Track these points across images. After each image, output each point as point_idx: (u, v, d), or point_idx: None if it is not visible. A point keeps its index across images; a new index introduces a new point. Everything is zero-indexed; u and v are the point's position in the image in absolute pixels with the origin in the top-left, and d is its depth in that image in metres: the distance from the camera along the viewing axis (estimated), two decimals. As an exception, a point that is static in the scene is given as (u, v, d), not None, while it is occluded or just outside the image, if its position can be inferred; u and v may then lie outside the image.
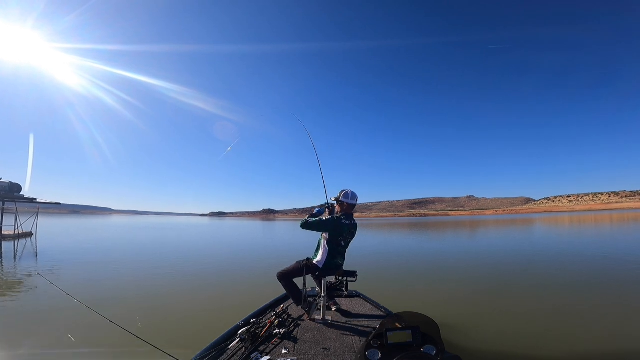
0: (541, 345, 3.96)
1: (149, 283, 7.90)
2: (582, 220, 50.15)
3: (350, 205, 3.52)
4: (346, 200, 3.50)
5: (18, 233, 19.15)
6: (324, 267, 3.39)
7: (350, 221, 3.50)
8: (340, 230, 3.41)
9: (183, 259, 12.38)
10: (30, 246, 16.01)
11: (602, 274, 8.17)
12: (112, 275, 8.87)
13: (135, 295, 6.69)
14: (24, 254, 13.27)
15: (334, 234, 3.40)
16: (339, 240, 3.43)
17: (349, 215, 3.52)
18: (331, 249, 3.40)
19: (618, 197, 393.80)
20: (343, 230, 3.42)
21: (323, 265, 3.38)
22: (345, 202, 3.50)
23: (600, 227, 30.23)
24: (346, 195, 3.51)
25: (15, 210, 19.42)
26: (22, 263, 10.90)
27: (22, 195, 18.98)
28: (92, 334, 4.47)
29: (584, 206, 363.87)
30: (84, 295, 6.62)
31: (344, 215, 3.47)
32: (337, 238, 3.41)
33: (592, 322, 4.79)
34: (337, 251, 3.44)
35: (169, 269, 9.93)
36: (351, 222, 3.52)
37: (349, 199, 3.50)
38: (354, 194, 3.53)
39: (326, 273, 3.41)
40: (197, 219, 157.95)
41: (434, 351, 1.98)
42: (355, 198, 3.54)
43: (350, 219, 3.52)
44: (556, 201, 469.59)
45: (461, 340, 3.99)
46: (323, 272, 3.38)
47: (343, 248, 3.51)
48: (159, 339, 4.30)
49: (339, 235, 3.41)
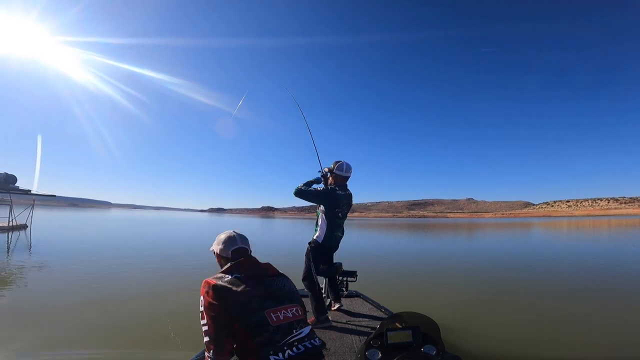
0: (540, 346, 3.98)
1: (147, 280, 7.85)
2: (580, 225, 50.25)
3: (344, 178, 3.41)
4: (340, 173, 3.37)
5: (12, 225, 19.08)
6: (325, 240, 3.33)
7: (345, 191, 3.39)
8: (337, 201, 3.32)
9: (181, 255, 12.41)
10: (24, 238, 15.94)
11: (601, 279, 8.19)
12: (107, 269, 8.81)
13: (133, 292, 6.65)
14: (17, 247, 13.16)
15: (331, 206, 3.32)
16: (337, 212, 3.36)
17: (343, 186, 3.42)
18: (330, 222, 3.34)
19: (617, 203, 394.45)
20: (339, 201, 3.33)
21: (323, 240, 3.33)
22: (339, 175, 3.38)
23: (598, 232, 30.29)
24: (340, 167, 3.37)
25: (10, 202, 19.36)
26: (15, 256, 10.81)
27: (17, 187, 18.92)
28: (87, 333, 4.39)
29: (582, 211, 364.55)
30: (78, 290, 6.58)
31: (338, 186, 3.37)
32: (334, 210, 3.33)
33: (590, 325, 4.82)
34: (335, 224, 3.37)
35: (166, 266, 9.92)
36: (346, 192, 3.41)
37: (343, 172, 3.37)
38: (348, 166, 3.39)
39: (329, 248, 3.39)
40: (196, 215, 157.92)
41: (434, 351, 1.99)
42: (350, 170, 3.41)
43: (345, 190, 3.42)
44: (555, 206, 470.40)
45: (461, 341, 4.00)
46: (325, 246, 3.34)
47: (341, 220, 3.45)
48: (159, 339, 4.28)
49: (335, 206, 3.33)
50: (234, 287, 1.47)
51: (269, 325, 1.42)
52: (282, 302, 1.53)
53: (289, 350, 1.41)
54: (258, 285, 1.52)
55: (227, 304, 1.43)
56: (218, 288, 1.47)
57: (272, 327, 1.42)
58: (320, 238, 3.34)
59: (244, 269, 1.57)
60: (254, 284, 1.51)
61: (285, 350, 1.41)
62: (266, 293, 1.52)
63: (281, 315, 1.48)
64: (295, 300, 1.60)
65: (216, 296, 1.45)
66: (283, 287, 1.60)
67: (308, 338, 1.51)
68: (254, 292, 1.48)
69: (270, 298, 1.52)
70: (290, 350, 1.42)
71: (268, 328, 1.42)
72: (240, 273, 1.55)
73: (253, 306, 1.45)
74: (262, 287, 1.53)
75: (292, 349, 1.43)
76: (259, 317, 1.43)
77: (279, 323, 1.45)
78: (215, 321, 1.43)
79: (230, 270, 1.56)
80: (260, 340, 1.40)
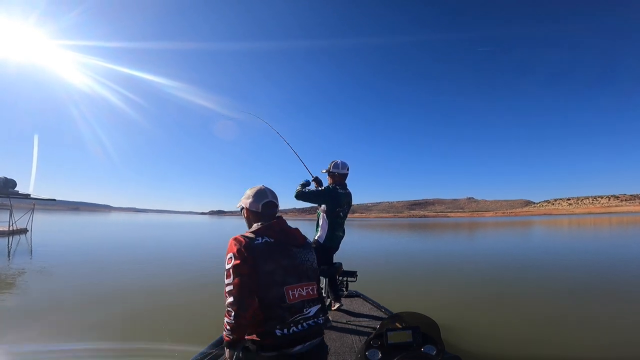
0: (541, 346, 3.97)
1: (147, 282, 7.87)
2: (581, 223, 50.20)
3: (342, 175, 3.43)
4: (337, 171, 3.40)
5: (13, 229, 19.08)
6: (326, 240, 3.32)
7: (345, 190, 3.41)
8: (338, 200, 3.32)
9: (181, 257, 12.35)
10: (24, 242, 15.96)
11: (602, 279, 8.16)
12: (107, 272, 8.83)
13: (133, 294, 6.66)
14: (18, 250, 13.21)
15: (332, 205, 3.31)
16: (338, 212, 3.35)
17: (342, 185, 3.44)
18: (331, 222, 3.32)
19: (618, 200, 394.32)
20: (340, 200, 3.33)
21: (325, 240, 3.31)
22: (336, 173, 3.40)
23: (599, 231, 30.25)
24: (336, 166, 3.40)
25: (9, 206, 19.35)
26: (16, 260, 10.85)
27: (16, 191, 18.93)
28: (88, 334, 4.43)
29: (583, 209, 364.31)
30: (79, 293, 6.62)
31: (338, 185, 3.39)
32: (335, 209, 3.33)
33: (591, 325, 4.80)
34: (337, 223, 3.36)
35: (166, 268, 9.92)
36: (346, 190, 3.43)
37: (339, 169, 3.40)
38: (344, 163, 3.43)
39: (330, 248, 3.37)
40: (196, 217, 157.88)
41: (434, 351, 1.98)
42: (346, 167, 3.44)
43: (345, 188, 3.44)
44: (556, 204, 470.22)
45: (461, 341, 3.99)
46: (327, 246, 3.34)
47: (342, 219, 3.45)
48: (159, 339, 4.30)
49: (337, 206, 3.33)
50: (263, 253, 1.42)
51: (284, 303, 1.41)
52: (301, 279, 1.49)
53: (294, 327, 1.43)
54: (285, 256, 1.48)
55: (257, 269, 1.39)
56: (252, 248, 1.41)
57: (287, 305, 1.42)
58: (322, 238, 3.34)
59: (275, 233, 1.51)
60: (282, 253, 1.47)
61: (290, 327, 1.42)
62: (290, 266, 1.47)
63: (297, 293, 1.46)
64: (313, 277, 1.56)
65: (249, 257, 1.39)
66: (306, 262, 1.55)
67: (314, 317, 1.51)
68: (280, 263, 1.44)
69: (293, 273, 1.47)
70: (295, 326, 1.43)
71: (283, 305, 1.41)
72: (271, 237, 1.49)
73: (276, 279, 1.42)
74: (288, 258, 1.48)
75: (297, 325, 1.44)
76: (278, 292, 1.41)
77: (294, 301, 1.44)
78: (243, 280, 1.36)
79: (261, 233, 1.49)
80: (269, 314, 1.40)
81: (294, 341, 1.44)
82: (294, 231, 1.61)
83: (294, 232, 1.60)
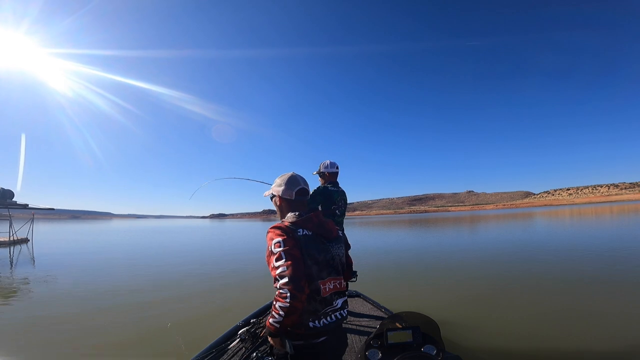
0: (542, 345, 3.95)
1: (149, 283, 7.91)
2: (582, 213, 50.22)
3: (332, 174, 3.55)
4: (327, 170, 3.53)
5: (13, 239, 19.10)
6: None
7: (337, 188, 3.51)
8: (332, 198, 3.38)
9: (182, 260, 12.38)
10: (26, 252, 15.97)
11: (606, 272, 8.08)
12: (110, 279, 8.84)
13: (134, 298, 6.67)
14: (20, 261, 13.22)
15: (327, 204, 3.38)
16: (334, 209, 3.40)
17: (334, 183, 3.53)
18: None
19: (617, 189, 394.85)
20: (334, 197, 3.40)
21: None
22: (326, 172, 3.53)
23: (601, 220, 30.27)
24: (326, 166, 3.54)
25: (9, 217, 19.36)
26: (18, 269, 10.88)
27: (14, 202, 18.97)
28: (90, 340, 4.44)
29: (583, 199, 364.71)
30: (82, 301, 6.61)
31: (330, 184, 3.48)
32: (330, 208, 3.39)
33: (594, 322, 4.75)
34: (335, 222, 3.36)
35: (168, 271, 9.92)
36: (338, 188, 3.53)
37: (329, 168, 3.54)
38: (332, 162, 3.57)
39: None
40: (197, 221, 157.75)
41: (434, 351, 1.97)
42: (335, 165, 3.58)
43: (337, 186, 3.53)
44: (556, 194, 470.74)
45: (461, 340, 3.98)
46: None
47: (340, 217, 3.48)
48: (159, 340, 4.30)
49: (332, 204, 3.39)
50: (305, 245, 1.46)
51: (319, 296, 1.47)
52: (331, 274, 1.55)
53: (324, 319, 1.50)
54: (321, 251, 1.52)
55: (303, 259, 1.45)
56: (297, 239, 1.45)
57: (320, 298, 1.47)
58: None
59: (314, 226, 1.53)
60: (318, 247, 1.51)
61: (321, 319, 1.49)
62: (324, 261, 1.52)
63: (328, 287, 1.51)
64: (341, 271, 1.62)
65: (296, 244, 1.43)
66: (337, 256, 1.60)
67: (341, 309, 1.58)
68: (317, 258, 1.49)
69: (326, 267, 1.53)
70: (325, 319, 1.50)
71: (317, 298, 1.47)
72: (310, 230, 1.51)
73: (312, 272, 1.46)
74: (324, 253, 1.53)
75: (326, 317, 1.51)
76: (314, 286, 1.46)
77: (326, 295, 1.50)
78: (297, 262, 1.38)
79: (300, 225, 1.50)
80: (306, 306, 1.43)
81: (322, 332, 1.50)
82: (330, 224, 1.63)
83: (329, 225, 1.63)
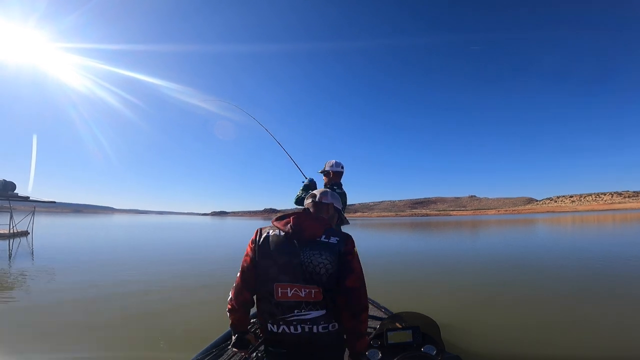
0: (542, 346, 3.94)
1: (148, 283, 7.88)
2: (584, 220, 49.91)
3: (337, 173, 3.52)
4: (332, 169, 3.50)
5: (13, 232, 19.20)
6: None
7: (340, 190, 3.48)
8: None
9: (182, 259, 12.37)
10: (26, 245, 16.04)
11: (606, 276, 8.09)
12: (109, 275, 8.83)
13: (134, 296, 6.66)
14: (19, 253, 13.26)
15: None
16: None
17: (338, 184, 3.51)
18: None
19: (621, 197, 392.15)
20: None
21: None
22: (331, 171, 3.50)
23: (603, 227, 30.08)
24: (331, 165, 3.52)
25: (9, 209, 19.45)
26: (17, 262, 10.90)
27: (16, 194, 19.06)
28: (87, 337, 4.42)
29: (586, 206, 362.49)
30: (80, 295, 6.61)
31: (335, 185, 3.46)
32: None
33: (593, 325, 4.75)
34: None
35: (167, 269, 9.92)
36: (342, 190, 3.49)
37: (334, 167, 3.51)
38: (338, 162, 3.55)
39: None
40: (198, 219, 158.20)
41: (434, 351, 1.98)
42: (340, 165, 3.56)
43: (340, 187, 3.50)
44: (558, 201, 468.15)
45: (461, 340, 3.98)
46: None
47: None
48: (159, 340, 4.30)
49: None
50: (267, 246, 1.50)
51: (272, 298, 1.45)
52: (297, 280, 1.42)
53: (284, 326, 1.43)
54: (287, 253, 1.45)
55: (257, 261, 1.51)
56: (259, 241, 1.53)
57: (274, 301, 1.44)
58: None
59: (289, 226, 1.49)
60: (284, 249, 1.46)
61: (280, 325, 1.43)
62: (287, 264, 1.44)
63: (289, 292, 1.42)
64: (314, 281, 1.42)
65: (253, 247, 1.53)
66: (309, 263, 1.42)
67: (312, 322, 1.42)
68: (278, 260, 1.46)
69: (287, 272, 1.43)
70: (286, 326, 1.43)
71: (271, 300, 1.45)
72: (285, 229, 1.50)
73: (269, 273, 1.46)
74: (289, 256, 1.44)
75: (288, 326, 1.42)
76: (268, 287, 1.46)
77: (283, 299, 1.43)
78: (243, 270, 1.54)
79: (275, 225, 1.56)
80: (261, 306, 1.50)
81: (284, 341, 1.44)
82: (311, 226, 1.50)
83: (310, 227, 1.49)
